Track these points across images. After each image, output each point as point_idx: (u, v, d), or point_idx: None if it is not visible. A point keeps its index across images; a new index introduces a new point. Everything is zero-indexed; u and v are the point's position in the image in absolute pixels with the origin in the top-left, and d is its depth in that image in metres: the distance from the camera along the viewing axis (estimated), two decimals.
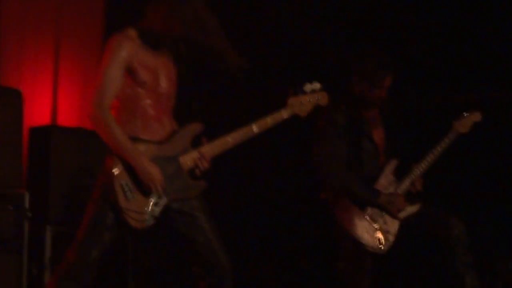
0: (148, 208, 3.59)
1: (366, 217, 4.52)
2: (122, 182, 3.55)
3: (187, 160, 3.67)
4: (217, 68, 3.65)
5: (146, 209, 3.58)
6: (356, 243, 4.48)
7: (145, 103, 3.61)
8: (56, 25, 5.67)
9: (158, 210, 3.61)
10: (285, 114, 3.83)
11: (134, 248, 5.00)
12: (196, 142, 3.71)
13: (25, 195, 4.76)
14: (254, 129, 3.76)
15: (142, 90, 3.61)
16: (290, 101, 3.84)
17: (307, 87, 3.87)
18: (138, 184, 3.57)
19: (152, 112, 3.63)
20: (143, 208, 3.58)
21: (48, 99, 5.56)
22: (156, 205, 3.60)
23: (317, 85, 3.89)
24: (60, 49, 5.67)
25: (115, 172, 3.55)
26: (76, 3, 5.81)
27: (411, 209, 4.61)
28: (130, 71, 3.58)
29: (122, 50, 3.55)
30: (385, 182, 4.61)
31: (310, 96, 3.89)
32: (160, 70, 3.65)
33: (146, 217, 3.58)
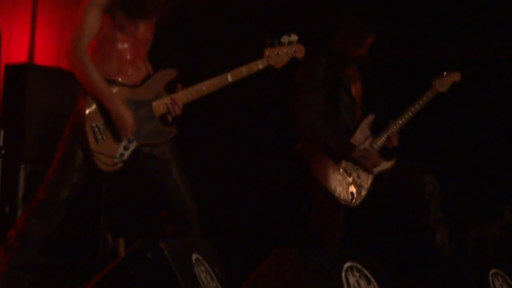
0: (117, 151, 3.58)
1: (340, 170, 4.54)
2: (93, 124, 3.54)
3: (160, 105, 3.65)
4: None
5: (115, 152, 3.58)
6: (329, 196, 4.51)
7: (122, 47, 3.59)
8: None
9: (127, 154, 3.60)
10: (260, 65, 3.81)
11: (107, 192, 5.00)
12: (170, 88, 3.68)
13: None
14: (229, 78, 3.74)
15: (120, 34, 3.58)
16: (267, 52, 3.82)
17: (284, 39, 3.84)
18: (109, 127, 3.56)
19: (128, 56, 3.61)
20: (113, 151, 3.57)
21: (25, 37, 5.49)
22: (125, 148, 3.60)
23: (294, 37, 3.86)
24: None
25: (87, 113, 3.53)
26: None
27: (386, 164, 4.63)
28: (109, 13, 3.55)
29: None
30: (361, 137, 4.62)
31: (287, 47, 3.86)
32: (139, 16, 3.60)
33: (115, 160, 3.57)
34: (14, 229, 3.60)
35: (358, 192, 4.55)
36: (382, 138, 4.64)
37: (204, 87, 3.71)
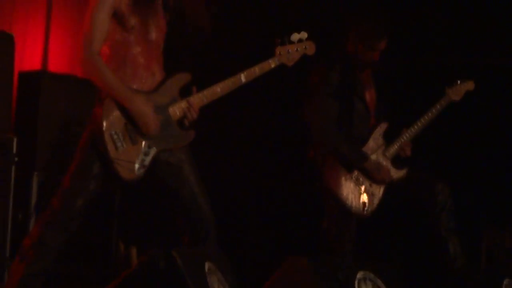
0: (138, 157, 3.54)
1: (353, 178, 4.53)
2: (112, 132, 3.50)
3: (176, 109, 3.64)
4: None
5: (136, 158, 3.54)
6: (340, 204, 4.50)
7: (135, 51, 3.57)
8: None
9: (148, 159, 3.56)
10: (272, 64, 3.80)
11: (121, 200, 5.00)
12: (184, 92, 3.67)
13: (13, 140, 4.73)
14: (242, 78, 3.72)
15: (132, 37, 3.55)
16: (278, 50, 3.82)
17: (294, 37, 3.84)
18: (128, 132, 3.52)
19: (141, 60, 3.58)
20: (134, 157, 3.53)
21: (39, 44, 5.50)
22: (146, 154, 3.56)
23: (304, 34, 3.86)
24: None
25: (105, 121, 3.49)
26: None
27: (398, 173, 4.62)
28: (118, 16, 3.53)
29: None
30: (374, 145, 4.61)
31: (298, 45, 3.85)
32: (149, 17, 3.60)
33: (136, 166, 3.54)
34: (29, 237, 3.58)
35: (370, 201, 4.53)
36: (395, 146, 4.63)
37: (218, 89, 3.69)
